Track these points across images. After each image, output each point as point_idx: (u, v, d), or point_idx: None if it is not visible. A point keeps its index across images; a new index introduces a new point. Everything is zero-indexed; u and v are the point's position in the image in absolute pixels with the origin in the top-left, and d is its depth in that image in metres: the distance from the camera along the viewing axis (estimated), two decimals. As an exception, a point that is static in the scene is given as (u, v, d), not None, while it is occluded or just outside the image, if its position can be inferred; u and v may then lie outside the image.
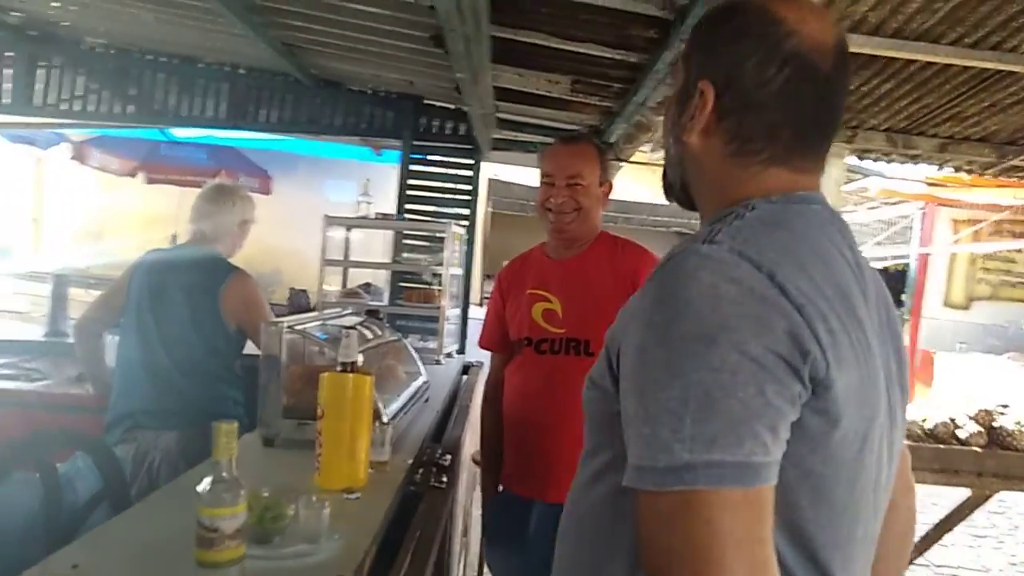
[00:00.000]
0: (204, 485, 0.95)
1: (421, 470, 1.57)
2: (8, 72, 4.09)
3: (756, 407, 0.61)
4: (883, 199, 7.82)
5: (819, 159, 0.79)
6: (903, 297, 8.15)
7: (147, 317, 2.15)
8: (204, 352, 2.15)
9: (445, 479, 1.53)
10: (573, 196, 1.79)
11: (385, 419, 1.57)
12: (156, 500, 1.33)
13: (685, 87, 0.81)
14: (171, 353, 2.12)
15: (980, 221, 8.02)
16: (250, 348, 2.23)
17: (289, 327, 1.69)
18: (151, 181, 7.12)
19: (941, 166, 4.24)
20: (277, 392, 1.61)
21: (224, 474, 0.95)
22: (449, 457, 1.67)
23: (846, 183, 4.80)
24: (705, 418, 0.60)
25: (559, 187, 1.80)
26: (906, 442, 3.07)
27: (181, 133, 6.61)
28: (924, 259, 8.41)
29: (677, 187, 0.86)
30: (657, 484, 0.61)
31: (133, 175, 7.03)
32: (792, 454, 0.65)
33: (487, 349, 2.01)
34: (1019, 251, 8.81)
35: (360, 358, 1.43)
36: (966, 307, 9.22)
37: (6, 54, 4.07)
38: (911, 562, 2.93)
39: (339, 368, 1.39)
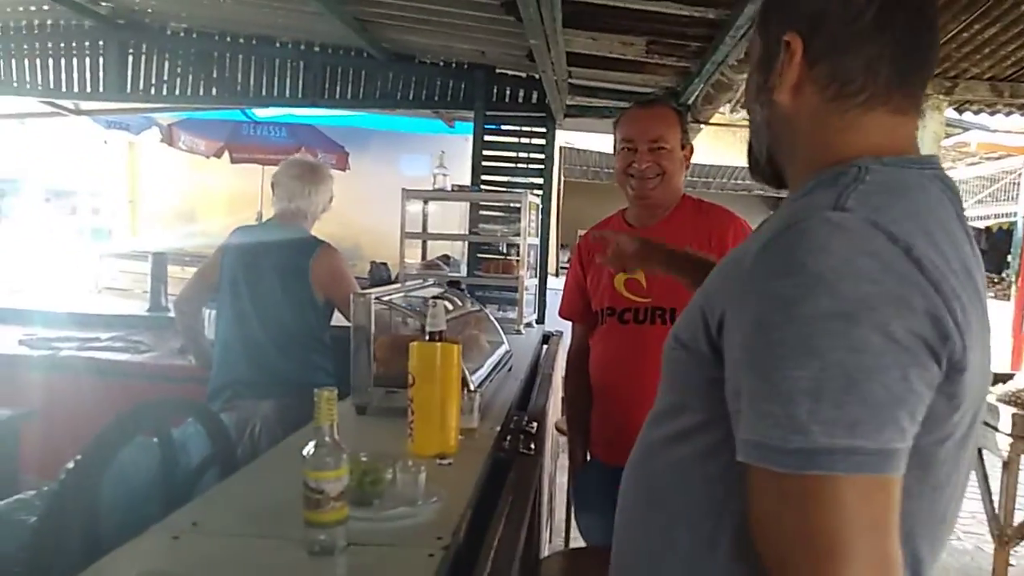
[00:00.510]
0: (308, 449, 0.98)
1: (509, 437, 1.59)
2: (101, 60, 4.32)
3: (899, 392, 0.58)
4: (984, 154, 7.31)
5: (917, 99, 0.75)
6: (1009, 258, 7.63)
7: (241, 293, 2.24)
8: (296, 325, 2.23)
9: (533, 446, 1.55)
10: (657, 160, 1.75)
11: (472, 387, 1.59)
12: (262, 463, 1.41)
13: (767, 49, 0.77)
14: (265, 327, 2.21)
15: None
16: (336, 320, 2.31)
17: (377, 298, 1.73)
18: (236, 161, 7.41)
19: (1052, 116, 3.94)
20: (368, 361, 1.66)
21: (326, 439, 0.99)
22: (535, 425, 1.68)
23: (944, 138, 4.49)
24: (846, 402, 0.57)
25: (641, 152, 1.76)
26: (1019, 411, 2.82)
27: (262, 113, 6.84)
28: (1032, 217, 7.82)
29: (763, 159, 0.82)
30: (788, 466, 0.59)
31: (219, 155, 7.33)
32: None
33: (568, 319, 2.00)
34: None
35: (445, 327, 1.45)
36: (1078, 268, 8.55)
37: (99, 43, 4.29)
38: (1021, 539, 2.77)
39: (427, 338, 1.42)
